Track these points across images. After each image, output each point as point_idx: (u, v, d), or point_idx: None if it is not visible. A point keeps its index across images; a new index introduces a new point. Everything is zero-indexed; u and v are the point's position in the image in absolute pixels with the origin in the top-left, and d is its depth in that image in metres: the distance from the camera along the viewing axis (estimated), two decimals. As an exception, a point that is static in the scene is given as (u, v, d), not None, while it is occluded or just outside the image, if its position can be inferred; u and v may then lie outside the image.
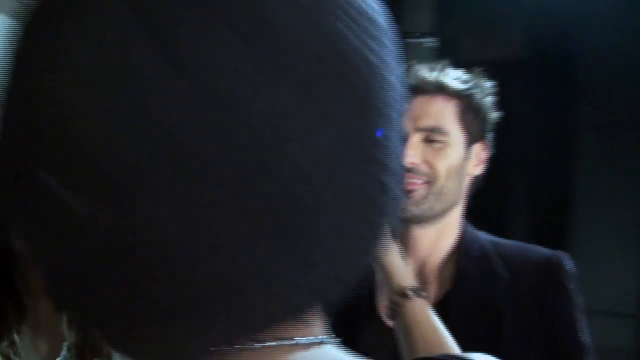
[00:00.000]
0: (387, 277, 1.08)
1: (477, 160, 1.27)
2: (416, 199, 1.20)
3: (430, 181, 1.20)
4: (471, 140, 1.25)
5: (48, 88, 0.36)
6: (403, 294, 1.06)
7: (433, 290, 1.26)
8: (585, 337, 1.20)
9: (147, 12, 0.34)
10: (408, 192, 1.18)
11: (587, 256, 2.04)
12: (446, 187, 1.22)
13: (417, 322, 1.04)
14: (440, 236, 1.27)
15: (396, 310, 1.06)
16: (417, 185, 1.20)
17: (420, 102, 1.21)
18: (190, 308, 0.37)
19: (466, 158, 1.24)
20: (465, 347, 1.15)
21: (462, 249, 1.27)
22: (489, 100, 1.27)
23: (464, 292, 1.21)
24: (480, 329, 1.17)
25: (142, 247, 0.35)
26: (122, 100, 0.34)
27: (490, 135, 1.30)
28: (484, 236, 1.30)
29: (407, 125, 1.18)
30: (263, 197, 0.34)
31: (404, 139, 1.15)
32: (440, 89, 1.22)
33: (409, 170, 1.17)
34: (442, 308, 1.17)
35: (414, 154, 1.19)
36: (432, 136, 1.21)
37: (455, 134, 1.23)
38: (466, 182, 1.26)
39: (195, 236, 0.34)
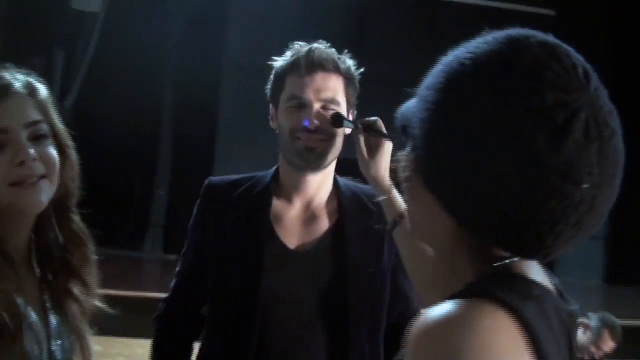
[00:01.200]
0: (390, 202, 1.44)
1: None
2: (318, 152, 1.56)
3: (328, 139, 1.56)
4: (348, 108, 1.61)
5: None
6: (402, 215, 1.40)
7: (324, 220, 1.64)
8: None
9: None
10: (313, 148, 1.54)
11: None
12: (337, 144, 1.58)
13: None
14: (324, 181, 1.64)
15: (397, 225, 1.41)
16: (319, 142, 1.55)
17: (321, 77, 1.56)
18: None
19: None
20: (360, 264, 1.58)
21: (339, 191, 1.66)
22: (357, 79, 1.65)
23: (351, 221, 1.60)
24: (369, 247, 1.58)
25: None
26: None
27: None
28: (348, 182, 1.69)
29: (310, 95, 1.55)
30: None
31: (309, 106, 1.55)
32: (336, 68, 1.58)
33: (314, 131, 1.53)
34: (339, 233, 1.61)
35: (315, 116, 1.54)
36: (329, 105, 1.55)
37: (343, 104, 1.59)
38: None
39: None
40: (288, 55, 1.62)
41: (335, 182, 1.67)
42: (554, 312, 0.78)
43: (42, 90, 1.19)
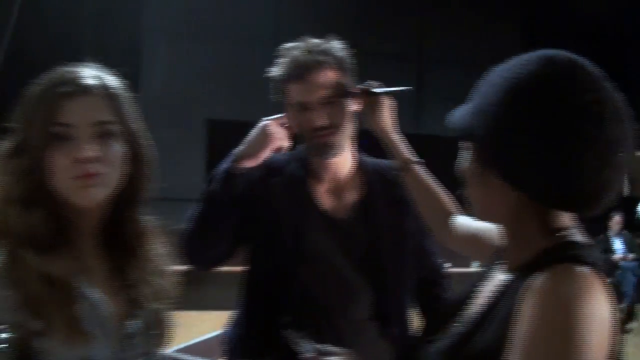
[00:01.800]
0: (395, 150, 1.72)
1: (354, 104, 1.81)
2: (332, 143, 1.75)
3: (337, 129, 1.74)
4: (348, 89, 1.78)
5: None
6: (409, 161, 1.70)
7: (353, 191, 1.85)
8: None
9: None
10: (326, 142, 1.73)
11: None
12: (347, 128, 1.76)
13: (423, 178, 1.69)
14: (346, 157, 1.84)
15: (405, 171, 1.70)
16: (330, 136, 1.73)
17: (315, 77, 1.71)
18: None
19: (348, 108, 1.78)
20: (389, 228, 1.80)
21: (362, 165, 1.88)
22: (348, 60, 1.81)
23: (377, 191, 1.81)
24: (395, 213, 1.78)
25: None
26: None
27: None
28: (367, 157, 1.91)
29: (310, 97, 1.70)
30: None
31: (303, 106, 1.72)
32: (328, 63, 1.73)
33: (322, 128, 1.71)
34: (367, 201, 1.82)
35: (320, 115, 1.71)
36: (330, 100, 1.72)
37: (342, 94, 1.75)
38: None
39: None
40: (282, 62, 1.74)
41: (358, 158, 1.86)
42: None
43: (118, 89, 1.21)
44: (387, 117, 1.76)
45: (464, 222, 1.60)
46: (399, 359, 1.76)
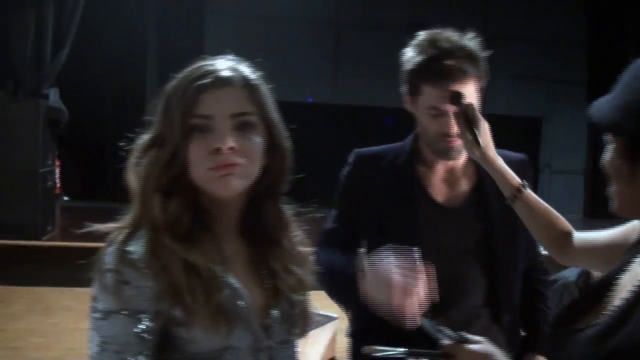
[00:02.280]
0: (504, 177, 1.65)
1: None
2: (457, 149, 1.75)
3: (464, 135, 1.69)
4: (479, 95, 1.77)
5: None
6: (519, 188, 1.64)
7: (465, 181, 1.84)
8: None
9: None
10: (453, 147, 1.74)
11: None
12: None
13: (534, 202, 1.64)
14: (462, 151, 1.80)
15: (515, 199, 1.64)
16: (457, 142, 1.72)
17: (457, 86, 1.69)
18: None
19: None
20: (501, 218, 1.77)
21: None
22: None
23: (490, 181, 1.74)
24: (507, 207, 1.69)
25: None
26: None
27: None
28: None
29: (449, 107, 1.69)
30: None
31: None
32: (473, 69, 1.72)
33: (452, 135, 1.71)
34: (480, 191, 1.81)
35: (454, 123, 1.70)
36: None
37: (475, 99, 1.73)
38: None
39: None
40: (418, 53, 1.71)
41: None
42: None
43: (256, 80, 1.23)
44: (490, 142, 1.70)
45: (584, 237, 1.60)
46: (510, 345, 1.77)
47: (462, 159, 1.81)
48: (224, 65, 1.21)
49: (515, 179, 1.65)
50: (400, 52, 1.78)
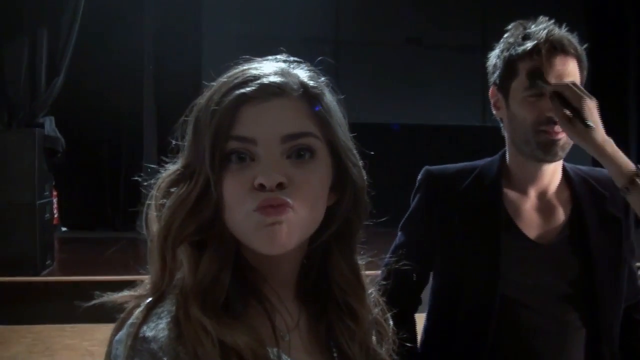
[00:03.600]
0: (616, 164, 1.41)
1: None
2: (562, 143, 1.47)
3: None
4: None
5: None
6: (635, 175, 1.39)
7: (560, 209, 1.56)
8: None
9: None
10: (557, 140, 1.45)
11: None
12: None
13: None
14: (557, 168, 1.56)
15: (630, 189, 1.39)
16: (561, 134, 1.45)
17: (559, 62, 1.45)
18: None
19: None
20: (604, 253, 1.51)
21: (569, 177, 1.58)
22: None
23: (588, 208, 1.52)
24: (609, 235, 1.50)
25: None
26: None
27: None
28: (571, 165, 1.61)
29: (551, 82, 1.44)
30: None
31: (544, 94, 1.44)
32: (574, 50, 1.48)
33: (556, 122, 1.43)
34: (577, 221, 1.53)
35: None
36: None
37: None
38: None
39: None
40: (516, 37, 1.50)
41: (563, 168, 1.58)
42: None
43: (321, 90, 0.90)
44: (599, 123, 1.45)
45: None
46: None
47: (556, 181, 1.56)
48: (273, 67, 0.89)
49: (630, 164, 1.41)
50: (399, 66, 1.60)
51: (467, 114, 9.95)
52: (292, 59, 0.92)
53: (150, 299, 0.85)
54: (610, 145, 1.42)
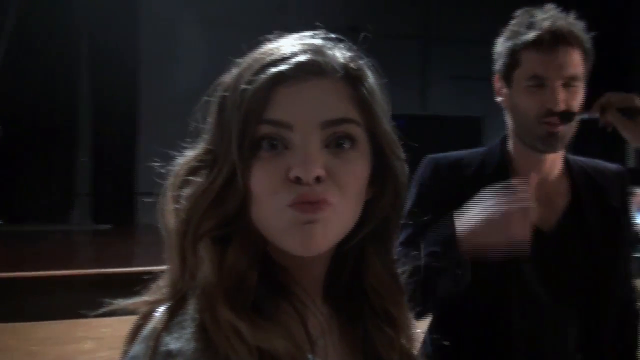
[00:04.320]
0: None
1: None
2: (561, 135, 1.47)
3: (568, 120, 1.46)
4: (585, 84, 1.50)
5: None
6: None
7: (560, 198, 1.56)
8: None
9: None
10: (557, 132, 1.45)
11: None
12: (574, 125, 1.49)
13: None
14: (557, 157, 1.56)
15: None
16: (561, 127, 1.45)
17: (562, 51, 1.44)
18: None
19: (583, 97, 1.50)
20: (603, 242, 1.52)
21: (569, 166, 1.58)
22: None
23: (587, 198, 1.52)
24: (608, 225, 1.50)
25: None
26: None
27: None
28: (572, 156, 1.62)
29: (553, 73, 1.43)
30: None
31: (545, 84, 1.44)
32: (577, 40, 1.46)
33: (560, 114, 1.44)
34: (577, 211, 1.54)
35: (561, 99, 1.44)
36: (571, 82, 1.45)
37: (582, 78, 1.48)
38: None
39: None
40: (520, 25, 1.48)
41: (564, 158, 1.58)
42: None
43: (364, 72, 0.80)
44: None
45: None
46: None
47: (556, 170, 1.56)
48: (312, 45, 0.78)
49: None
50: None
51: (407, 103, 10.06)
52: (332, 35, 0.81)
53: (170, 305, 0.73)
54: None
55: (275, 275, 0.77)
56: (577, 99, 1.46)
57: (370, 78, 0.80)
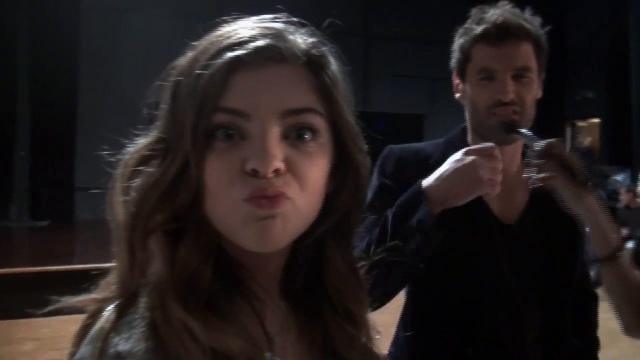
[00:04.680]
0: (604, 231, 1.36)
1: (540, 90, 1.56)
2: (518, 119, 1.45)
3: (520, 111, 1.45)
4: (539, 75, 1.51)
5: None
6: (617, 249, 1.35)
7: (521, 191, 1.56)
8: None
9: None
10: (512, 120, 1.45)
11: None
12: (530, 113, 1.49)
13: (628, 266, 1.35)
14: (517, 149, 1.56)
15: (611, 261, 1.35)
16: (514, 114, 1.44)
17: (510, 44, 1.45)
18: None
19: (537, 89, 1.52)
20: (564, 234, 1.51)
21: (528, 160, 1.55)
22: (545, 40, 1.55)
23: (548, 192, 1.47)
24: (568, 216, 1.45)
25: None
26: None
27: None
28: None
29: (501, 65, 1.44)
30: None
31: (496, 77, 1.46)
32: (526, 34, 1.46)
33: (509, 103, 1.43)
34: (539, 203, 1.53)
35: (509, 89, 1.44)
36: (521, 73, 1.45)
37: (535, 70, 1.49)
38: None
39: None
40: (472, 22, 1.48)
41: (523, 151, 1.58)
42: None
43: (326, 58, 0.75)
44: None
45: None
46: None
47: (516, 162, 1.57)
48: (271, 28, 0.73)
49: (617, 236, 1.37)
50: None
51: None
52: (294, 19, 0.76)
53: (119, 303, 0.68)
54: (602, 209, 1.38)
55: (231, 271, 0.72)
56: (530, 90, 1.48)
57: (333, 65, 0.76)
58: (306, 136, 0.70)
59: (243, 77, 0.69)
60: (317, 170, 0.71)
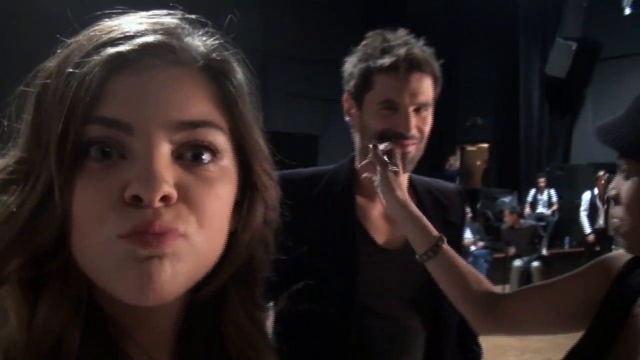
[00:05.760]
0: (419, 228, 1.40)
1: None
2: (411, 156, 1.49)
3: (418, 142, 1.49)
4: (433, 106, 1.55)
5: None
6: (439, 240, 1.39)
7: None
8: None
9: None
10: (406, 153, 1.47)
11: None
12: (423, 144, 1.52)
13: (453, 258, 1.39)
14: (403, 178, 1.55)
15: (433, 254, 1.39)
16: (411, 147, 1.47)
17: (416, 79, 1.46)
18: None
19: (431, 119, 1.54)
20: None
21: (414, 186, 1.64)
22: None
23: (432, 216, 1.51)
24: (450, 241, 1.47)
25: None
26: None
27: None
28: (417, 176, 1.67)
29: (406, 100, 1.45)
30: None
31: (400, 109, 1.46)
32: (430, 69, 1.49)
33: (407, 137, 1.46)
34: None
35: (412, 124, 1.46)
36: (422, 108, 1.48)
37: (432, 103, 1.52)
38: None
39: None
40: (374, 49, 1.48)
41: (409, 178, 1.61)
42: None
43: (233, 67, 0.62)
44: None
45: (512, 296, 1.41)
46: None
47: (403, 186, 1.55)
48: (164, 24, 0.59)
49: (434, 230, 1.41)
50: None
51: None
52: (192, 16, 0.62)
53: None
54: (414, 206, 1.43)
55: (104, 332, 0.56)
56: (427, 123, 1.50)
57: (239, 74, 0.62)
58: (204, 157, 0.56)
59: (124, 79, 0.54)
60: (218, 200, 0.56)
